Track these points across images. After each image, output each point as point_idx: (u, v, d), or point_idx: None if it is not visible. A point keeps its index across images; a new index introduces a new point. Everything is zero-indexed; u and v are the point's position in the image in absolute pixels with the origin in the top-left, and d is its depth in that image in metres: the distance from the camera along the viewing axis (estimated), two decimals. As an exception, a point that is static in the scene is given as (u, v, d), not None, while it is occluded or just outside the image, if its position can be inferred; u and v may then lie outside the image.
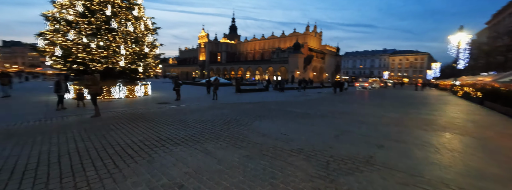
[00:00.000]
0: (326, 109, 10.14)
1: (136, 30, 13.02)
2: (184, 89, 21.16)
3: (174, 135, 5.14)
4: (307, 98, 16.08)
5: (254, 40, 72.51)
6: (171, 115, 7.70)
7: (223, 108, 9.57)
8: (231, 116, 7.60)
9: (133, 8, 12.82)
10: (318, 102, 13.42)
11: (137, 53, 12.96)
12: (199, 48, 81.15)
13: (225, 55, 75.86)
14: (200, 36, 79.88)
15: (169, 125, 6.21)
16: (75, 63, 11.52)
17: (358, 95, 20.43)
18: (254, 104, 11.23)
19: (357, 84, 30.25)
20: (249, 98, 14.59)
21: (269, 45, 67.48)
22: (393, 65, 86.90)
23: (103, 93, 11.16)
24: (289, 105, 11.37)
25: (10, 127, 5.65)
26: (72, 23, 11.18)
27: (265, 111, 9.01)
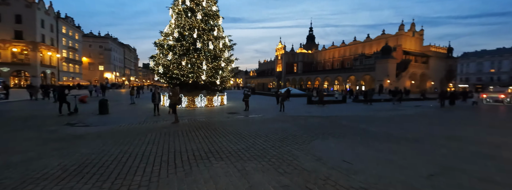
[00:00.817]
0: (422, 130, 7.54)
1: (215, 48, 14.91)
2: (258, 100, 22.09)
3: (223, 148, 5.08)
4: (397, 113, 12.84)
5: (332, 47, 67.98)
6: (232, 126, 7.90)
7: (286, 121, 8.99)
8: (290, 131, 6.92)
9: (214, 29, 14.82)
10: (412, 119, 10.35)
11: (215, 67, 14.71)
12: (276, 60, 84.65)
13: (301, 65, 75.01)
14: (277, 48, 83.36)
15: (225, 136, 6.31)
16: (172, 78, 14.39)
17: (484, 112, 14.45)
18: (323, 119, 9.97)
19: (485, 95, 21.63)
20: (320, 111, 13.24)
21: (350, 51, 61.16)
22: (558, 66, 57.36)
23: (181, 103, 12.75)
24: (367, 121, 9.34)
25: (117, 127, 7.43)
26: (171, 47, 14.17)
27: (333, 127, 7.70)
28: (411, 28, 50.83)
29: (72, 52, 49.44)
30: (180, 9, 14.33)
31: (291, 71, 77.56)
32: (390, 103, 20.68)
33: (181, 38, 14.10)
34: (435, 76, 48.79)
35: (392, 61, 42.70)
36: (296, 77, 72.39)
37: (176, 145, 5.33)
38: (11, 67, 36.98)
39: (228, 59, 16.43)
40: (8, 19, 35.86)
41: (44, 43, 39.36)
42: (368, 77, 48.17)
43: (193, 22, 14.08)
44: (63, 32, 45.64)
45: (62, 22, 45.22)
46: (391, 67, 42.44)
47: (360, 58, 52.76)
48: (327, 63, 69.95)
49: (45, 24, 39.82)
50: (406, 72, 44.70)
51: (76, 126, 8.01)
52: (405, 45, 48.61)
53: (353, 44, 60.67)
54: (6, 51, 36.48)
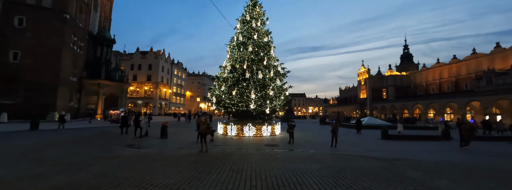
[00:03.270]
0: None
1: (265, 77, 14.87)
2: (324, 131, 19.46)
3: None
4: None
5: (438, 65, 52.98)
6: (247, 161, 6.84)
7: (323, 162, 6.93)
8: (304, 178, 5.10)
9: (263, 59, 15.07)
10: None
11: (263, 96, 14.41)
12: (359, 85, 75.16)
13: (393, 90, 62.18)
14: (360, 73, 74.51)
15: (215, 172, 5.40)
16: (225, 107, 15.23)
17: None
18: (382, 162, 7.01)
19: None
20: (390, 151, 9.68)
21: (468, 68, 45.28)
22: None
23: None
24: (458, 175, 5.70)
25: (157, 152, 8.08)
26: (225, 78, 15.39)
27: (380, 180, 5.10)
28: None
29: (179, 88, 64.48)
30: (234, 44, 15.79)
31: (379, 97, 65.93)
32: None
33: (233, 70, 15.15)
34: None
35: (552, 78, 27.68)
36: (386, 104, 60.31)
37: (186, 177, 4.98)
38: (143, 100, 52.22)
39: (281, 87, 15.87)
40: (145, 67, 52.42)
41: (162, 83, 53.81)
42: (506, 102, 32.97)
43: (244, 55, 14.97)
44: (174, 73, 61.15)
45: (175, 66, 61.08)
46: (552, 87, 27.36)
47: (487, 76, 37.97)
48: (431, 85, 54.84)
49: (164, 69, 55.05)
50: None
51: (132, 147, 9.49)
52: None
53: (472, 59, 45.22)
54: (142, 90, 52.35)
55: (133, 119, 13.17)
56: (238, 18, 16.39)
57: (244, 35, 15.78)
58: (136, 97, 51.86)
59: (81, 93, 29.84)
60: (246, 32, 15.84)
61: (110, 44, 34.10)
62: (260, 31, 15.93)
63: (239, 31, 16.03)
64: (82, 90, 29.93)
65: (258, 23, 15.99)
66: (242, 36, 15.75)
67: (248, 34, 15.68)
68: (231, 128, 14.58)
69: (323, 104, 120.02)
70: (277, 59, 16.52)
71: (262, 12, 16.63)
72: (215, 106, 15.71)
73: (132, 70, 52.21)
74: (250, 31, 15.67)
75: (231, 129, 14.56)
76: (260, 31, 15.89)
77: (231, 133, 14.52)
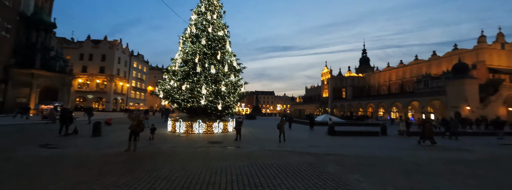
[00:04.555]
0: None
1: (218, 72, 14.31)
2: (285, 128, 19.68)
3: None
4: (456, 155, 8.40)
5: (388, 69, 59.11)
6: (181, 160, 6.29)
7: (253, 159, 6.75)
8: (209, 178, 4.79)
9: (217, 53, 14.47)
10: (465, 171, 6.29)
11: (215, 92, 13.86)
12: (322, 85, 79.61)
13: (351, 90, 67.41)
14: (323, 73, 78.89)
15: (146, 172, 4.76)
16: (174, 102, 14.26)
17: None
18: (314, 158, 7.16)
19: None
20: (329, 147, 10.10)
21: (411, 72, 51.44)
22: None
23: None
24: (378, 167, 6.07)
25: (75, 152, 6.92)
26: (175, 72, 14.38)
27: (295, 177, 5.08)
28: (498, 39, 39.65)
29: (139, 82, 59.62)
30: (187, 36, 14.85)
31: (339, 96, 70.70)
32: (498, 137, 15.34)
33: (183, 64, 14.25)
34: (551, 102, 34.41)
35: (471, 82, 32.97)
36: (345, 103, 65.06)
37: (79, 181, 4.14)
38: (94, 94, 46.83)
39: (236, 83, 15.51)
40: (97, 58, 46.95)
41: (118, 76, 48.95)
42: (438, 103, 38.26)
43: (196, 48, 14.17)
44: (134, 66, 56.25)
45: (134, 58, 56.17)
46: (471, 90, 32.59)
47: (424, 79, 43.49)
48: (382, 87, 60.81)
49: (121, 61, 50.12)
50: (496, 96, 33.35)
51: (48, 147, 8.08)
52: (490, 61, 37.63)
53: (414, 64, 51.36)
54: (93, 83, 46.86)
55: (60, 116, 11.40)
56: (193, 9, 15.45)
57: (198, 27, 14.94)
58: (86, 91, 46.26)
59: (7, 84, 25.17)
60: (200, 24, 15.03)
61: (49, 29, 29.44)
62: (216, 24, 15.27)
63: (193, 22, 15.12)
64: (9, 80, 25.27)
65: (214, 15, 15.30)
66: (196, 28, 14.90)
67: (202, 26, 14.90)
68: (180, 125, 13.73)
69: (290, 102, 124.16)
70: (233, 54, 16.10)
71: (219, 5, 15.96)
72: (164, 101, 14.62)
73: (81, 60, 46.32)
74: (204, 23, 14.90)
75: (180, 126, 13.72)
76: (215, 24, 15.23)
77: (180, 131, 13.67)
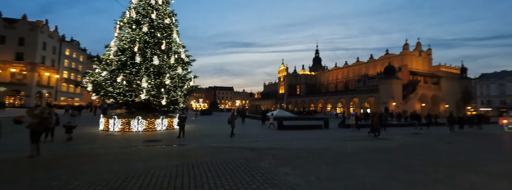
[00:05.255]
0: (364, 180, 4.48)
1: (163, 63, 13.03)
2: (238, 124, 19.39)
3: None
4: (376, 144, 9.57)
5: (335, 69, 65.49)
6: (100, 163, 5.29)
7: (187, 157, 6.25)
8: (120, 184, 4.19)
9: (161, 42, 13.14)
10: (380, 157, 7.18)
11: (158, 85, 12.61)
12: (279, 81, 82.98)
13: (304, 87, 72.32)
14: (280, 70, 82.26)
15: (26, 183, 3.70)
16: (106, 96, 12.39)
17: (499, 142, 10.70)
18: (253, 152, 7.10)
19: (505, 121, 17.51)
20: (274, 141, 10.32)
21: (354, 72, 58.17)
22: None
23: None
24: (306, 159, 6.36)
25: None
26: (108, 61, 12.47)
27: (224, 175, 4.86)
28: (417, 47, 47.96)
29: (74, 73, 50.77)
30: (125, 21, 13.01)
31: (293, 93, 74.93)
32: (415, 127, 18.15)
33: (119, 52, 12.48)
34: (449, 99, 43.82)
35: (397, 82, 39.11)
36: (299, 99, 69.35)
37: None
38: (8, 86, 37.67)
39: (184, 77, 14.46)
40: (12, 41, 37.76)
41: (43, 64, 40.50)
42: (373, 99, 44.25)
43: (136, 35, 12.54)
44: (66, 54, 47.51)
45: (66, 45, 47.38)
46: (396, 89, 38.68)
47: (363, 79, 49.60)
48: (330, 84, 66.98)
49: (47, 47, 41.55)
50: (414, 94, 40.50)
51: None
52: (411, 65, 45.28)
53: (356, 65, 58.07)
54: (6, 72, 37.61)
55: None
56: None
57: (139, 11, 13.25)
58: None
59: None
60: (142, 9, 13.36)
61: None
62: (161, 10, 13.81)
63: (133, 6, 13.33)
64: None
65: (159, 0, 13.79)
66: (136, 12, 13.18)
67: (144, 11, 13.26)
68: (115, 122, 12.06)
69: (249, 98, 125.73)
70: (182, 45, 14.95)
71: (166, -11, 14.47)
72: (93, 94, 12.58)
73: (-15, 43, 36.50)
74: (147, 8, 13.29)
75: (115, 123, 12.05)
76: (160, 10, 13.76)
77: (114, 129, 12.00)
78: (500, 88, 62.56)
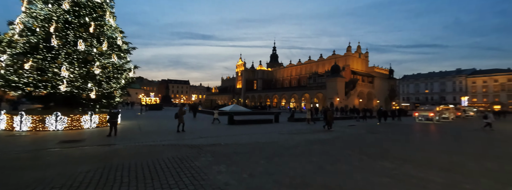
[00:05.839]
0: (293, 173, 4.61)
1: (90, 49, 11.00)
2: (189, 119, 18.08)
3: None
4: (315, 136, 10.24)
5: (290, 66, 69.01)
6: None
7: (106, 160, 5.34)
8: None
9: (89, 24, 11.05)
10: (316, 148, 7.66)
11: (84, 75, 10.63)
12: (236, 76, 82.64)
13: (261, 82, 73.97)
14: (238, 65, 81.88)
15: None
16: (8, 87, 9.79)
17: (411, 131, 12.95)
18: (192, 150, 6.60)
19: (417, 113, 21.42)
20: (220, 136, 9.96)
21: (306, 70, 62.39)
22: (474, 89, 67.33)
23: None
24: (247, 151, 6.25)
25: None
26: (13, 42, 9.83)
27: (146, 177, 4.29)
28: (358, 50, 54.30)
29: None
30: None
31: (251, 88, 75.81)
32: (344, 121, 20.03)
33: (28, 32, 9.94)
34: (380, 95, 51.52)
35: (341, 80, 43.62)
36: (256, 94, 70.60)
37: None
38: None
39: (120, 67, 12.61)
40: None
41: None
42: (321, 95, 48.40)
43: (52, 12, 10.17)
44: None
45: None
46: (340, 86, 43.16)
47: (313, 76, 53.56)
48: (285, 81, 70.25)
49: None
50: (354, 91, 46.01)
51: None
52: (352, 65, 51.07)
53: (308, 63, 62.29)
54: None
55: None
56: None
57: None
58: None
59: None
60: (62, -19, 10.88)
61: None
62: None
63: (49, -25, 10.72)
64: None
65: (86, -28, 11.46)
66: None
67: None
68: (22, 120, 9.66)
69: (206, 92, 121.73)
70: (120, 30, 12.98)
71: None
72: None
73: None
74: (68, -20, 10.88)
75: (22, 121, 9.65)
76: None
77: (21, 128, 9.62)
78: (415, 87, 77.10)
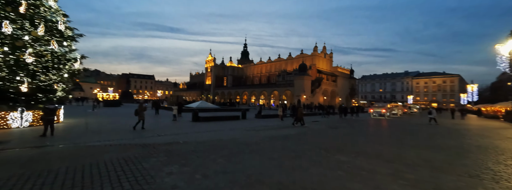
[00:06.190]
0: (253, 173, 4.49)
1: (18, 33, 9.19)
2: (151, 116, 16.59)
3: None
4: (279, 132, 10.35)
5: (260, 63, 69.61)
6: None
7: (64, 161, 4.44)
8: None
9: (19, 3, 9.19)
10: (277, 144, 7.70)
11: (10, 64, 8.84)
12: (206, 72, 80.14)
13: (231, 79, 73.10)
14: (207, 60, 79.37)
15: None
16: None
17: (366, 126, 14.11)
18: (145, 149, 5.96)
19: (371, 110, 23.59)
20: (179, 134, 9.35)
21: (275, 67, 63.66)
22: (417, 89, 77.44)
23: None
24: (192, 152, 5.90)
25: None
26: None
27: (71, 186, 3.67)
28: (323, 50, 57.34)
29: None
30: None
31: (221, 84, 74.41)
32: (310, 117, 20.01)
33: None
34: (342, 93, 55.49)
35: (308, 78, 45.58)
36: (225, 90, 69.54)
37: None
38: None
39: (63, 55, 10.87)
40: None
41: None
42: (289, 92, 49.96)
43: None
44: None
45: None
46: (307, 84, 45.10)
47: (282, 74, 54.92)
48: (255, 78, 70.66)
49: None
50: (319, 89, 48.60)
51: None
52: (318, 64, 53.79)
53: (278, 61, 63.58)
54: None
55: None
56: None
57: None
58: None
59: None
60: None
61: None
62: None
63: None
64: None
65: None
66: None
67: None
68: None
69: (173, 88, 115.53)
70: (63, 13, 11.19)
71: None
72: None
73: None
74: None
75: None
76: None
77: None
78: (372, 87, 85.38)
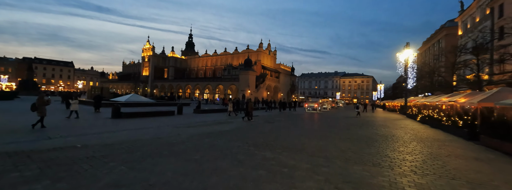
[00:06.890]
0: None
1: None
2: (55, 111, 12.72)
3: None
4: (215, 128, 9.68)
5: (206, 55, 66.55)
6: None
7: None
8: None
9: None
10: (207, 142, 7.07)
11: None
12: (143, 62, 70.97)
13: (173, 71, 67.31)
14: (145, 49, 70.23)
15: None
16: None
17: (300, 120, 15.11)
18: (10, 159, 4.21)
19: (306, 105, 25.85)
20: (90, 134, 7.44)
21: (221, 61, 62.16)
22: (344, 87, 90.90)
23: None
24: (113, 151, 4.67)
25: None
26: None
27: None
28: (268, 47, 59.43)
29: None
30: None
31: (161, 76, 67.58)
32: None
33: None
34: (284, 89, 59.26)
35: (253, 73, 46.35)
36: (166, 83, 63.65)
37: None
38: None
39: None
40: None
41: None
42: (234, 86, 49.73)
43: None
44: None
45: None
46: (252, 79, 45.84)
47: (228, 68, 54.13)
48: (200, 71, 67.33)
49: None
50: (263, 84, 50.29)
51: None
52: (263, 61, 55.49)
53: (224, 55, 62.19)
54: None
55: None
56: None
57: None
58: None
59: None
60: None
61: None
62: None
63: None
64: None
65: None
66: None
67: None
68: None
69: (100, 79, 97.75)
70: None
71: None
72: None
73: None
74: None
75: None
76: None
77: None
78: (309, 84, 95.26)
